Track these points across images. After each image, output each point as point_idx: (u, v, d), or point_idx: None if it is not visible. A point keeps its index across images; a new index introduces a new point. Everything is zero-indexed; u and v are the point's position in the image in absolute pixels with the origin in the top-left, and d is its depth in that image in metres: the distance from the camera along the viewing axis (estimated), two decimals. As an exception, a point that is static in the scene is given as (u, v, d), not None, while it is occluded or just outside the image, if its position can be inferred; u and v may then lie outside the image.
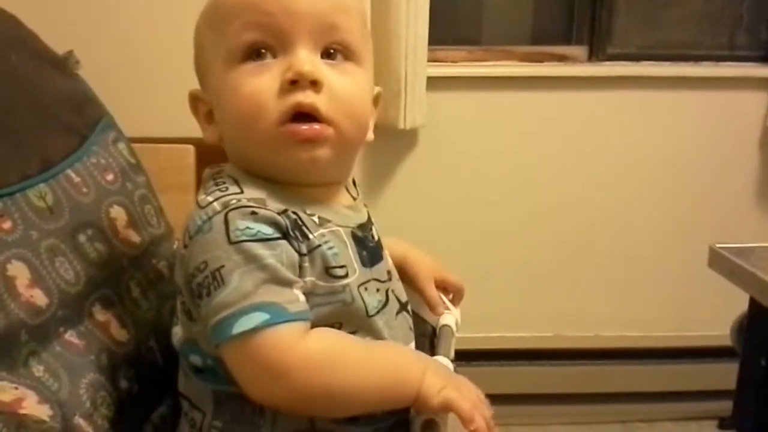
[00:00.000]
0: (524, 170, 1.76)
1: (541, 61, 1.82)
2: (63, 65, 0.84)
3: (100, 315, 0.74)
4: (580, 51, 1.85)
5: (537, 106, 1.75)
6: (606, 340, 1.81)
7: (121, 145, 0.87)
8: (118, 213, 0.80)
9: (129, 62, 1.57)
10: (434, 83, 1.67)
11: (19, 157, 0.71)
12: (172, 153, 1.54)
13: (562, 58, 1.85)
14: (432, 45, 1.66)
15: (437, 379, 0.61)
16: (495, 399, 1.88)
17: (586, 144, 1.77)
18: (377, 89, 0.73)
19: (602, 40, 1.84)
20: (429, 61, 1.67)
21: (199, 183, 1.61)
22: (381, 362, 0.62)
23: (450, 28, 1.84)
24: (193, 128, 1.43)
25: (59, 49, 0.86)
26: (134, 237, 0.81)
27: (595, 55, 1.84)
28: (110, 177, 0.82)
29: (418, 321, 0.81)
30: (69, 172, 0.77)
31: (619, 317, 1.81)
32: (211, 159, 0.76)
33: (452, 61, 1.80)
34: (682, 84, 1.76)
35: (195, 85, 1.39)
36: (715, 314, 1.49)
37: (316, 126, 0.63)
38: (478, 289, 1.70)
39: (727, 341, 1.17)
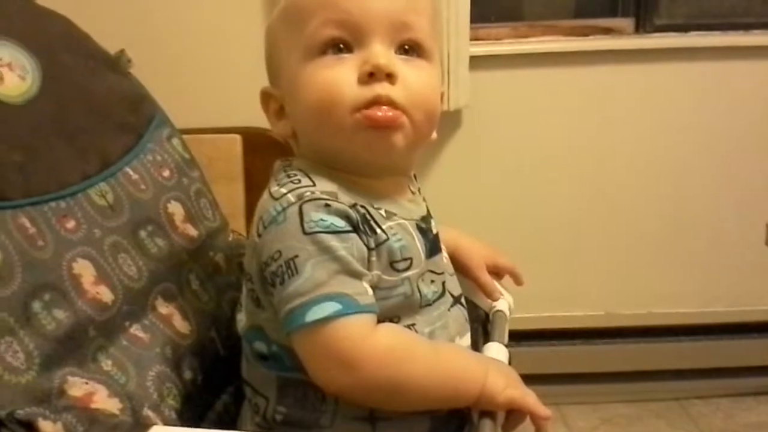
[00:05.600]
0: (571, 146, 1.74)
1: (586, 35, 1.79)
2: (116, 64, 0.86)
3: (163, 308, 0.76)
4: (627, 23, 1.81)
5: (584, 81, 1.71)
6: (659, 317, 1.79)
7: (176, 141, 0.88)
8: (175, 208, 0.82)
9: (175, 55, 1.59)
10: (477, 62, 1.65)
11: (79, 158, 0.74)
12: (220, 143, 1.56)
13: (607, 31, 1.81)
14: (474, 23, 1.65)
15: (500, 378, 0.63)
16: (548, 378, 1.88)
17: (635, 117, 1.73)
18: (441, 88, 0.74)
19: (649, 11, 1.79)
20: (471, 39, 1.65)
21: (247, 172, 1.64)
22: (445, 362, 0.63)
23: (492, 4, 1.81)
24: (239, 118, 1.45)
25: (108, 47, 0.88)
26: (192, 231, 0.83)
27: (642, 26, 1.79)
28: (166, 173, 0.84)
29: (471, 307, 0.81)
30: (127, 169, 0.79)
31: (672, 294, 1.78)
32: (258, 148, 0.77)
33: (495, 39, 1.78)
34: (733, 54, 1.70)
35: (240, 75, 1.39)
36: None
37: (391, 113, 0.65)
38: (527, 269, 1.70)
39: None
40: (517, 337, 1.03)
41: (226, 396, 0.78)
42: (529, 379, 1.80)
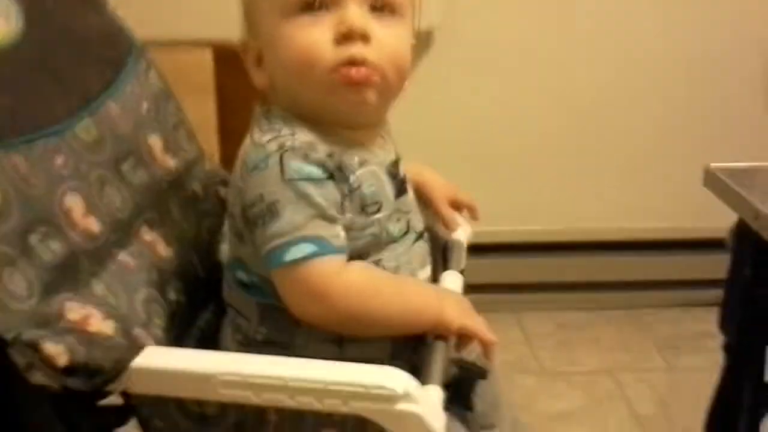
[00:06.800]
0: (539, 61, 1.75)
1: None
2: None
3: (147, 236, 0.82)
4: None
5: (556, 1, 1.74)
6: (615, 232, 1.87)
7: (152, 74, 0.92)
8: (154, 141, 0.87)
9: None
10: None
11: (63, 96, 0.77)
12: (191, 56, 1.57)
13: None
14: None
15: (454, 308, 0.71)
16: (508, 288, 1.98)
17: (606, 35, 1.75)
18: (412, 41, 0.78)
19: None
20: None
21: (218, 86, 1.65)
22: (407, 295, 0.72)
23: None
24: (211, 30, 1.45)
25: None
26: (171, 162, 0.88)
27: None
28: (145, 106, 0.88)
29: (433, 237, 0.89)
30: (109, 103, 0.83)
31: (628, 209, 1.86)
32: (229, 63, 0.81)
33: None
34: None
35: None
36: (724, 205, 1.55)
37: (364, 70, 0.70)
38: (489, 184, 1.77)
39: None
40: (481, 250, 1.10)
41: (207, 314, 0.85)
42: (490, 288, 1.92)
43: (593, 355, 1.75)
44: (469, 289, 0.84)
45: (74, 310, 0.67)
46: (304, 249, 0.66)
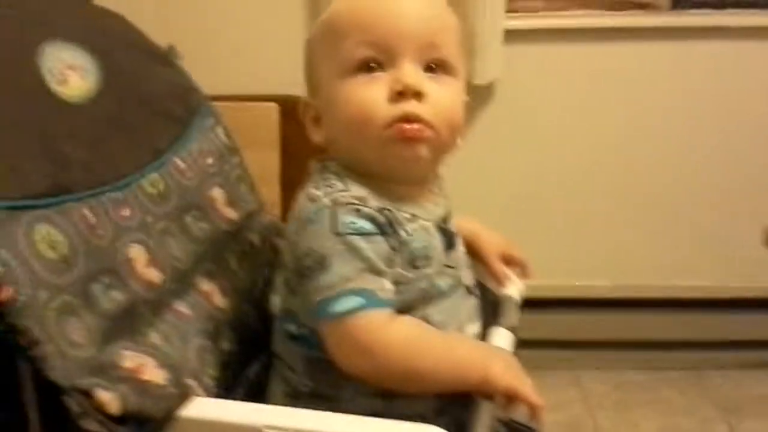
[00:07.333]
0: (598, 122, 1.75)
1: (621, 10, 1.80)
2: (166, 58, 0.93)
3: (205, 286, 0.85)
4: (663, -2, 1.82)
5: (619, 57, 1.73)
6: (676, 289, 1.82)
7: (219, 130, 0.96)
8: (218, 194, 0.90)
9: (214, 23, 1.65)
10: (512, 36, 1.68)
11: (133, 150, 0.81)
12: (257, 111, 1.62)
13: (643, 6, 1.82)
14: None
15: (500, 368, 0.70)
16: (566, 344, 1.94)
17: (666, 97, 1.75)
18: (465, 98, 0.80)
19: (686, -14, 1.79)
20: (507, 11, 1.68)
21: (283, 138, 1.70)
22: (452, 352, 0.71)
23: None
24: (277, 86, 1.51)
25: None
26: (231, 214, 0.91)
27: (679, 2, 1.80)
28: (210, 161, 0.92)
29: (484, 291, 0.88)
30: (175, 159, 0.86)
31: (690, 267, 1.82)
32: (295, 116, 0.84)
33: (531, 11, 1.80)
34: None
35: (280, 45, 1.46)
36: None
37: (417, 126, 0.72)
38: (549, 236, 1.76)
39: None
40: (538, 304, 1.10)
41: (256, 365, 0.87)
42: (548, 344, 1.90)
43: (653, 417, 1.70)
44: (527, 344, 0.83)
45: (129, 358, 0.69)
46: (351, 302, 0.68)
